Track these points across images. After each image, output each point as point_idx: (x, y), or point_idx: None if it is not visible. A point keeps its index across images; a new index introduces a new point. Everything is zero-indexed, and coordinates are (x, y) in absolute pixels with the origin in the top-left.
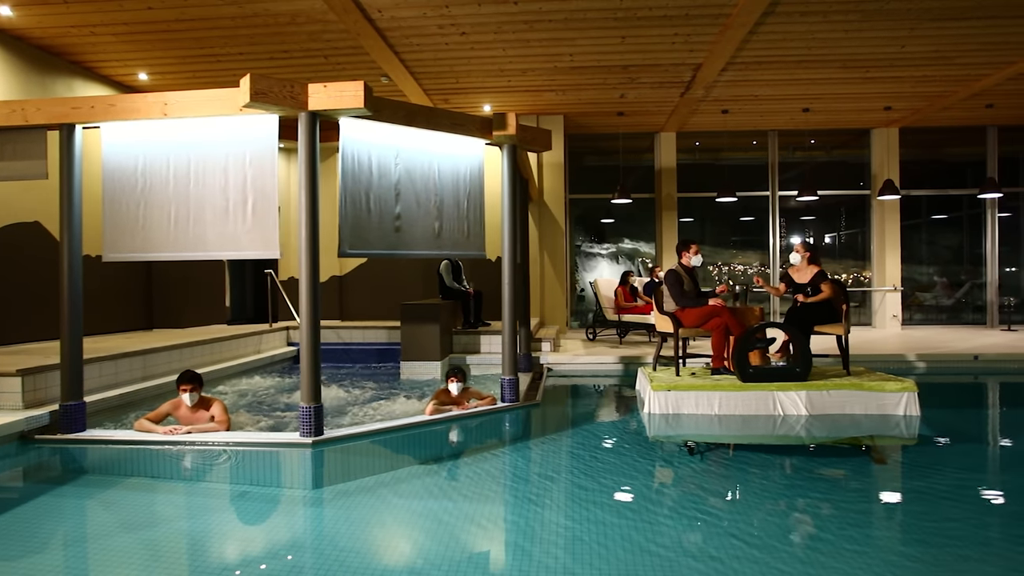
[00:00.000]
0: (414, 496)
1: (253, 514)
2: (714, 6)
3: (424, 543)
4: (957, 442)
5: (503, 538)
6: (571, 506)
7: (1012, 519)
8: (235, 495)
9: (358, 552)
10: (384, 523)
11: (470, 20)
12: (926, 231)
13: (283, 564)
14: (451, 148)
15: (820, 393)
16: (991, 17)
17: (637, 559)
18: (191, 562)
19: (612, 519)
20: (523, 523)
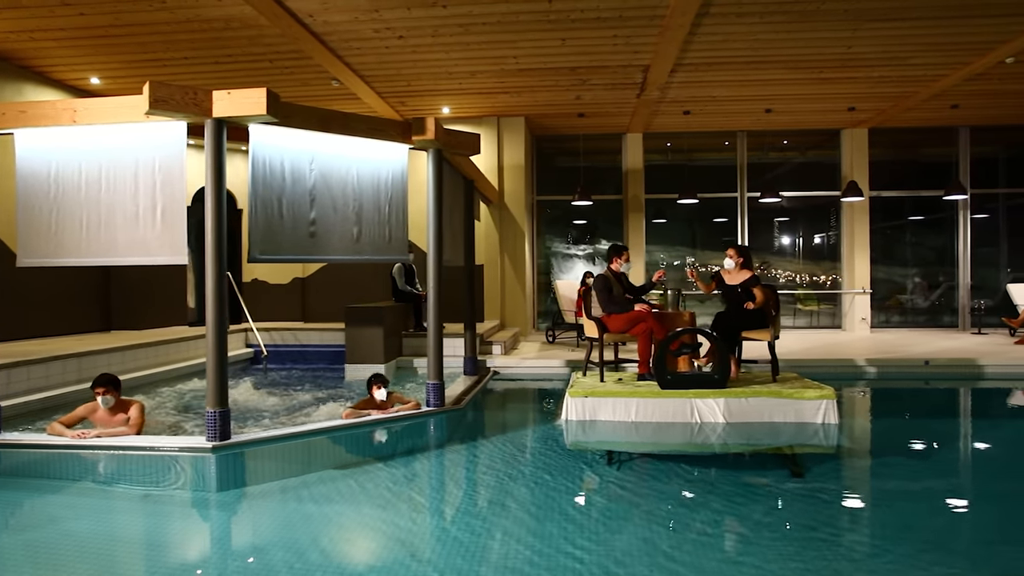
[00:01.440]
0: (299, 501)
1: (128, 518)
2: (646, 7)
3: (297, 548)
4: (870, 450)
5: (374, 547)
6: (460, 514)
7: (910, 526)
8: (117, 499)
9: (223, 557)
10: (260, 528)
11: (403, 24)
12: (910, 232)
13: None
14: (372, 153)
15: (738, 401)
16: (934, 18)
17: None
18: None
19: (501, 526)
20: (406, 531)
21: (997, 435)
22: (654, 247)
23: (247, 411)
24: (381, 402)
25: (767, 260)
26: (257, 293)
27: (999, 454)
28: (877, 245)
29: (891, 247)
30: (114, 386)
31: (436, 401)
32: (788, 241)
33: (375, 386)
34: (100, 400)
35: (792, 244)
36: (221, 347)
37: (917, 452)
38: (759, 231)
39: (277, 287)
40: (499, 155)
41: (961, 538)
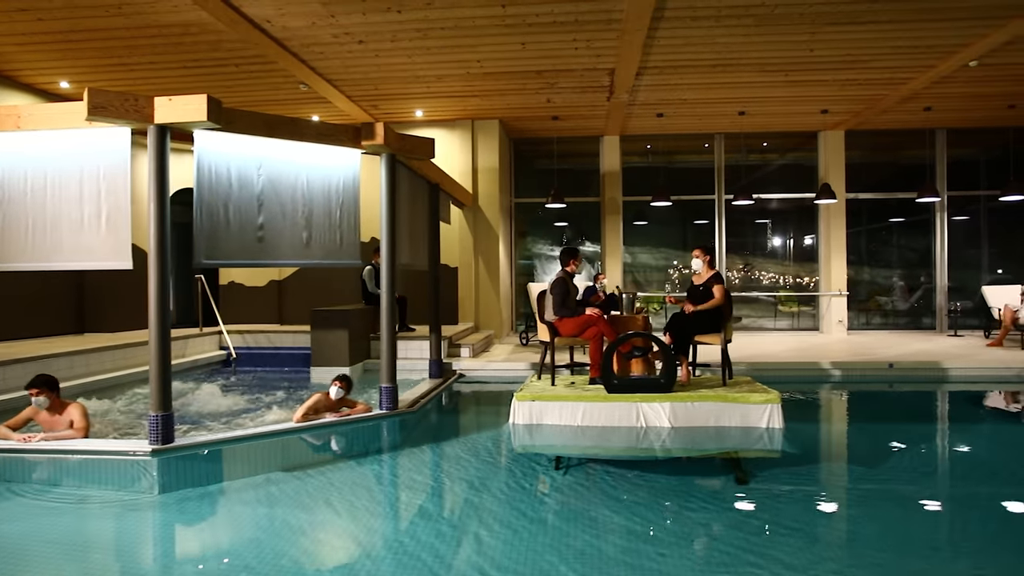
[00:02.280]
0: (226, 504)
1: (52, 520)
2: (601, 12)
3: (216, 550)
4: (813, 454)
5: (291, 550)
6: (389, 519)
7: (845, 530)
8: (46, 502)
9: (135, 560)
10: (181, 531)
11: (362, 29)
12: (893, 234)
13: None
14: (323, 158)
15: (684, 405)
16: (891, 22)
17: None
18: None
19: (431, 531)
20: (325, 535)
21: (941, 438)
22: (638, 249)
23: (206, 414)
24: (333, 403)
25: (750, 262)
26: (234, 296)
27: (940, 457)
28: (860, 247)
29: (873, 249)
30: (49, 387)
31: (389, 404)
32: (771, 243)
33: (336, 383)
34: (33, 401)
35: (775, 246)
36: (164, 352)
37: (860, 456)
38: (743, 233)
39: (254, 290)
40: (473, 158)
41: (893, 542)
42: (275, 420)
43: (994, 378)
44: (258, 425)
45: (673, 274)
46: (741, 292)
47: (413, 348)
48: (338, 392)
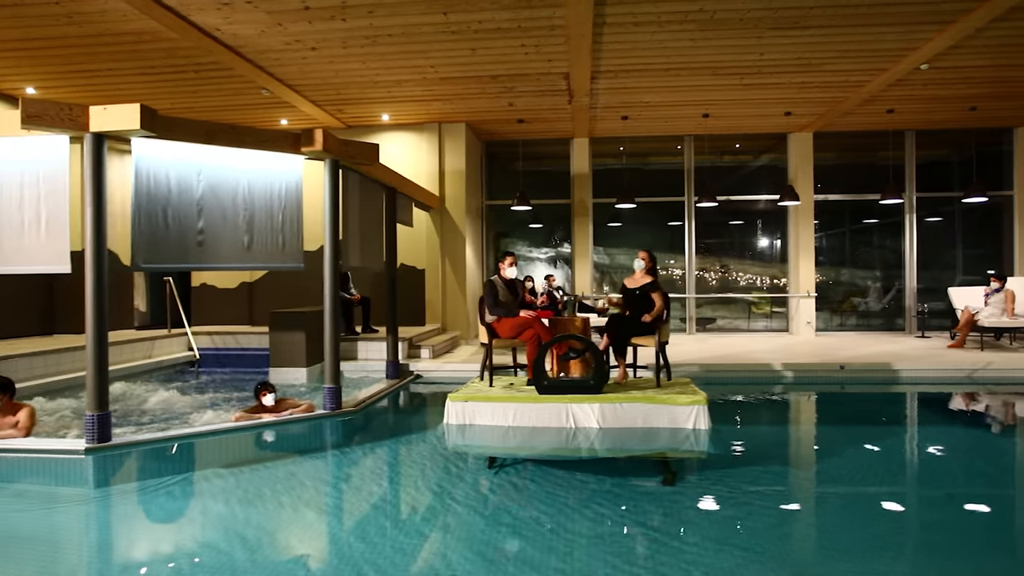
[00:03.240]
0: (153, 501)
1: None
2: (542, 18)
3: (132, 544)
4: (736, 455)
5: (204, 546)
6: (313, 516)
7: (761, 531)
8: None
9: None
10: (102, 527)
11: (311, 36)
12: (869, 236)
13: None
14: (265, 164)
15: (613, 406)
16: (832, 26)
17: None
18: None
19: (350, 530)
20: (245, 531)
21: (870, 439)
22: (616, 250)
23: (157, 413)
24: (271, 407)
25: (726, 263)
26: (206, 297)
27: (866, 458)
28: (837, 248)
29: (850, 251)
30: (2, 390)
31: (331, 404)
32: (747, 244)
33: (262, 393)
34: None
35: (752, 247)
36: (100, 354)
37: (781, 457)
38: (721, 234)
39: (225, 291)
40: (440, 161)
41: (808, 543)
42: (219, 420)
43: (943, 379)
44: (197, 424)
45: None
46: (715, 294)
47: (374, 349)
48: (270, 400)
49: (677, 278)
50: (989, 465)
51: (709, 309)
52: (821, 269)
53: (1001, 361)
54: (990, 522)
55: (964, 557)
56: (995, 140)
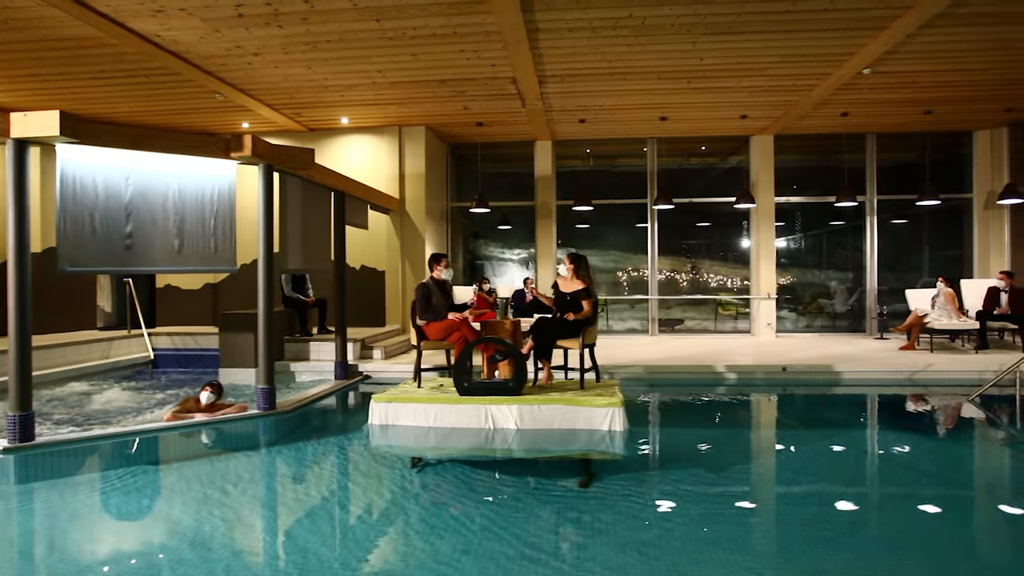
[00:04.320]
0: (61, 500)
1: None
2: (475, 24)
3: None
4: (649, 456)
5: (107, 545)
6: (227, 515)
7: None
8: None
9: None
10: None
11: (251, 43)
12: (849, 237)
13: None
14: (196, 169)
15: (531, 408)
16: (763, 32)
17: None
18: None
19: (262, 529)
20: (169, 528)
21: (785, 440)
22: (588, 251)
23: (96, 413)
24: (205, 406)
25: (697, 264)
26: (170, 298)
27: (775, 459)
28: (810, 249)
29: (820, 252)
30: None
31: (265, 405)
32: (720, 246)
33: (207, 388)
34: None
35: (722, 248)
36: (23, 355)
37: (692, 458)
38: (693, 235)
39: (189, 292)
40: (400, 164)
41: (701, 543)
42: (153, 420)
43: (881, 381)
44: (127, 424)
45: (622, 276)
46: (677, 295)
47: (326, 350)
48: (208, 397)
49: (647, 278)
50: (889, 464)
51: (679, 310)
52: (792, 271)
53: (942, 363)
54: (870, 518)
55: (850, 551)
56: (956, 143)
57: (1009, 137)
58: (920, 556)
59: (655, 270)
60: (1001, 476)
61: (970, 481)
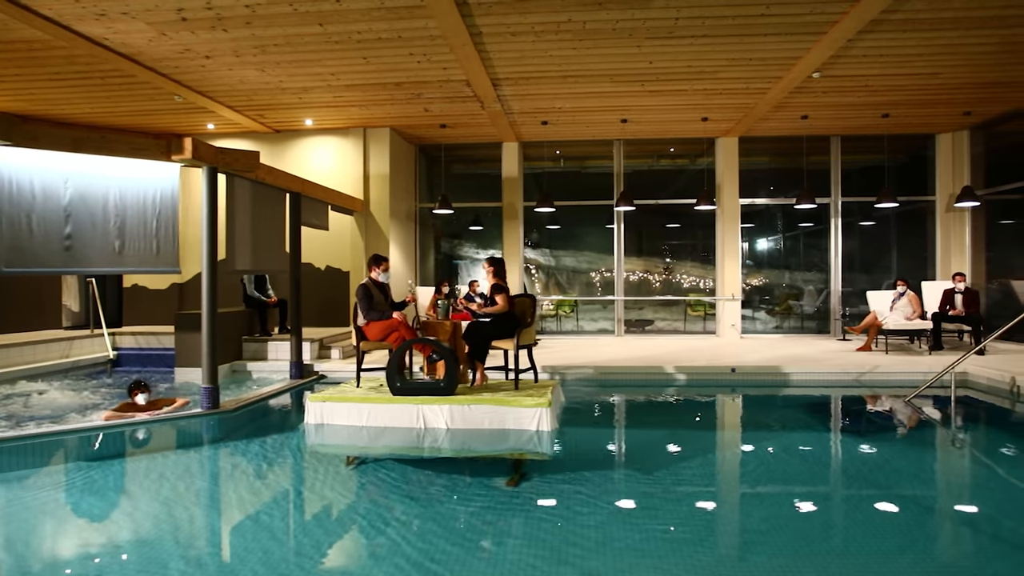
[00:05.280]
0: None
1: None
2: (419, 28)
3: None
4: (572, 456)
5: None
6: (156, 512)
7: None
8: None
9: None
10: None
11: (201, 46)
12: (822, 238)
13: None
14: (138, 171)
15: (462, 408)
16: (707, 36)
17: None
18: None
19: (185, 528)
20: (89, 528)
21: (712, 442)
22: (562, 252)
23: (41, 413)
24: (144, 406)
25: (669, 264)
26: (137, 298)
27: (701, 461)
28: (784, 251)
29: (793, 254)
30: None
31: (208, 404)
32: (694, 247)
33: (134, 392)
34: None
35: (696, 250)
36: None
37: (619, 459)
38: (667, 236)
39: (156, 292)
40: (365, 165)
41: (618, 543)
42: (91, 419)
43: (828, 382)
44: (65, 423)
45: (596, 277)
46: (643, 296)
47: (284, 350)
48: (144, 398)
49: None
50: (805, 463)
51: (651, 311)
52: (766, 272)
53: (889, 364)
54: (772, 516)
55: (767, 549)
56: (922, 146)
57: (970, 141)
58: (800, 550)
59: (621, 271)
60: (908, 474)
61: (878, 479)
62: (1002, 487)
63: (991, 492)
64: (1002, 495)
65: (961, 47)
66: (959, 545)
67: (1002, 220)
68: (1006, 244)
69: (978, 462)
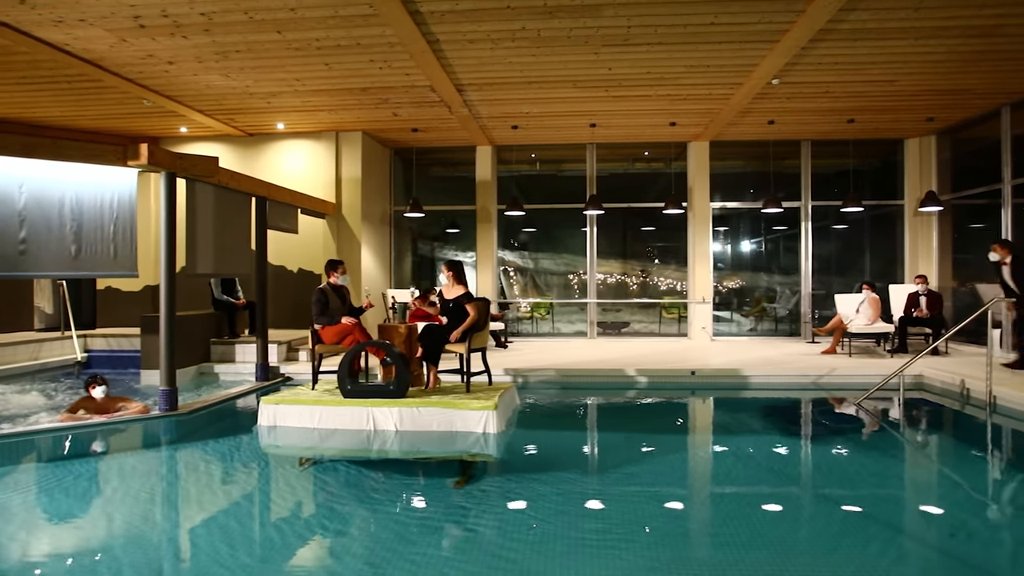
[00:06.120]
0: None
1: None
2: (376, 36)
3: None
4: (516, 459)
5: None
6: (110, 514)
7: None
8: None
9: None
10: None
11: (163, 52)
12: (800, 241)
13: None
14: (95, 176)
15: (411, 410)
16: (663, 44)
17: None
18: None
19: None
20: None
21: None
22: (541, 255)
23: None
24: (102, 402)
25: (647, 267)
26: (111, 300)
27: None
28: (760, 254)
29: (771, 256)
30: None
31: (165, 406)
32: (671, 249)
33: (91, 386)
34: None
35: (673, 252)
36: None
37: (565, 460)
38: (645, 239)
39: (129, 294)
40: (337, 169)
41: (549, 542)
42: (48, 421)
43: (785, 385)
44: (28, 425)
45: (573, 279)
46: (616, 299)
47: (251, 352)
48: (102, 392)
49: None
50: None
51: (628, 313)
52: (743, 275)
53: (849, 367)
54: (710, 517)
55: (703, 548)
56: (892, 150)
57: (937, 146)
58: (732, 548)
59: (594, 274)
60: (841, 475)
61: (807, 480)
62: (921, 485)
63: (911, 491)
64: (919, 493)
65: (912, 56)
66: (871, 542)
67: (969, 224)
68: (972, 247)
69: (907, 462)
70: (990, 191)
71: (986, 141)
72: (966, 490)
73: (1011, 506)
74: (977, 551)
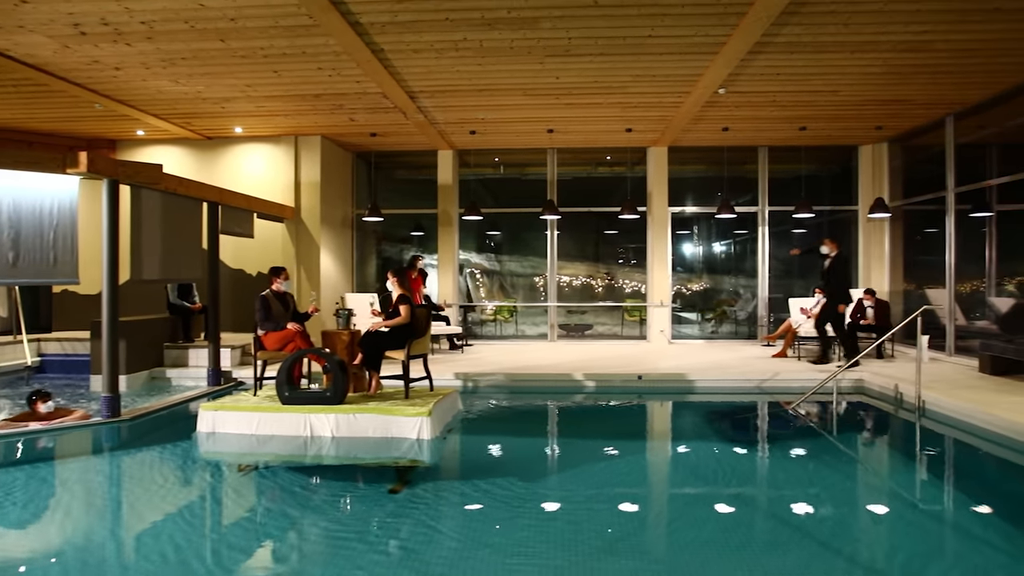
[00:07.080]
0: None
1: None
2: (320, 45)
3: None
4: (446, 463)
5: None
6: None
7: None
8: None
9: None
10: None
11: (109, 58)
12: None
13: None
14: (34, 184)
15: (347, 416)
16: (606, 55)
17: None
18: None
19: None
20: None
21: (589, 450)
22: (507, 258)
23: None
24: (45, 415)
25: (611, 269)
26: (68, 303)
27: (580, 466)
28: (725, 257)
29: (736, 259)
30: None
31: (107, 413)
32: (635, 252)
33: (35, 402)
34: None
35: (637, 255)
36: None
37: (494, 467)
38: (611, 242)
39: (87, 297)
40: (296, 173)
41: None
42: None
43: (729, 389)
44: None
45: (539, 281)
46: (577, 303)
47: (204, 357)
48: (48, 407)
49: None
50: (674, 468)
51: (592, 315)
52: (707, 277)
53: (793, 371)
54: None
55: (626, 553)
56: (849, 156)
57: (888, 153)
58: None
59: (554, 276)
60: (763, 478)
61: (724, 481)
62: (836, 487)
63: (826, 490)
64: (833, 494)
65: (850, 68)
66: (784, 544)
67: (921, 229)
68: (922, 253)
69: (824, 464)
70: (936, 198)
71: (934, 149)
72: (864, 490)
73: (911, 508)
74: (856, 546)
